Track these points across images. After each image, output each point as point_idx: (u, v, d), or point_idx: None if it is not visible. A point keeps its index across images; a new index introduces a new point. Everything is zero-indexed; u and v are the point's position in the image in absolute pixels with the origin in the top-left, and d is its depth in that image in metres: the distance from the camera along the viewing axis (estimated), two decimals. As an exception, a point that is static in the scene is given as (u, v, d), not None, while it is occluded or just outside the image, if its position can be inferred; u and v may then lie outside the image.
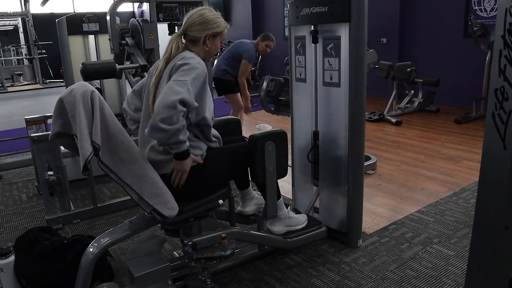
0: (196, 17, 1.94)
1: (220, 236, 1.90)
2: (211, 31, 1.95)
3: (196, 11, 1.97)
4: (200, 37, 1.94)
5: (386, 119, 5.94)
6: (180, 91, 1.69)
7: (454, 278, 2.23)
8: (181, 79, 1.74)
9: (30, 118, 3.56)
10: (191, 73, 1.78)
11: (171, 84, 1.73)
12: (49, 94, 10.43)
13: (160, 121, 1.64)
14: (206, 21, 1.93)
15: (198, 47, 1.96)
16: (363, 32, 2.31)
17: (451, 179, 3.64)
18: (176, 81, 1.74)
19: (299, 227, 2.37)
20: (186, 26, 1.95)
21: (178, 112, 1.66)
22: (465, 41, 6.51)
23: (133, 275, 1.86)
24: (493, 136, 1.13)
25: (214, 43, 1.99)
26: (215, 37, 1.98)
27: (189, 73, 1.77)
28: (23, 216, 3.26)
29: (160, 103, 1.67)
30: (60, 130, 1.80)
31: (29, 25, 12.49)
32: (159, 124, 1.64)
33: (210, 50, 1.99)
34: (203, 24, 1.93)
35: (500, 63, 1.10)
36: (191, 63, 1.81)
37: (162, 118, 1.64)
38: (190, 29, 1.94)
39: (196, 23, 1.93)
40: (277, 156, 2.08)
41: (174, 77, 1.77)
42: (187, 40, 1.97)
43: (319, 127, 2.61)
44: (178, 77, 1.76)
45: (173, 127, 1.66)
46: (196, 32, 1.93)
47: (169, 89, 1.71)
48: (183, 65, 1.80)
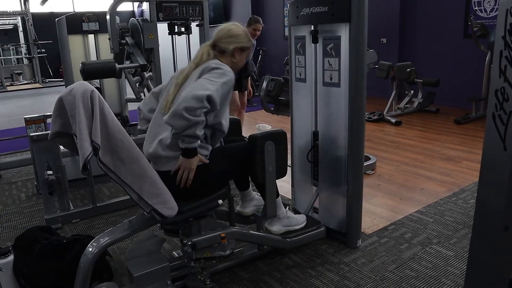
0: (227, 31, 2.09)
1: (220, 236, 1.90)
2: (239, 44, 2.08)
3: (227, 25, 2.12)
4: (229, 49, 2.06)
5: (385, 119, 5.94)
6: (210, 88, 1.78)
7: (453, 278, 2.23)
8: (212, 80, 1.84)
9: (29, 117, 3.56)
10: (223, 77, 1.88)
11: (202, 80, 1.84)
12: (49, 94, 10.43)
13: (184, 109, 1.70)
14: (236, 35, 2.08)
15: (227, 58, 2.07)
16: (363, 32, 2.31)
17: (451, 180, 3.64)
18: (207, 79, 1.84)
19: (297, 227, 2.37)
20: (217, 38, 2.08)
21: (203, 106, 1.74)
22: (465, 42, 6.51)
23: (132, 275, 1.86)
24: (493, 137, 1.13)
25: (241, 56, 2.12)
26: (243, 51, 2.11)
27: (221, 77, 1.87)
28: (22, 216, 3.25)
29: (188, 92, 1.75)
30: (59, 130, 1.80)
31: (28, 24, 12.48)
32: (182, 112, 1.70)
33: (237, 62, 2.11)
34: (233, 37, 2.07)
35: (500, 63, 1.09)
36: (224, 69, 1.92)
37: (187, 107, 1.71)
38: (220, 41, 2.07)
39: (226, 36, 2.07)
40: (276, 156, 2.08)
41: (206, 76, 1.87)
42: (216, 50, 2.08)
43: (318, 127, 2.61)
44: (209, 77, 1.86)
45: (195, 118, 1.72)
46: (225, 44, 2.06)
47: (199, 84, 1.82)
48: (216, 68, 1.91)
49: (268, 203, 2.18)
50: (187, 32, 3.67)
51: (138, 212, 2.46)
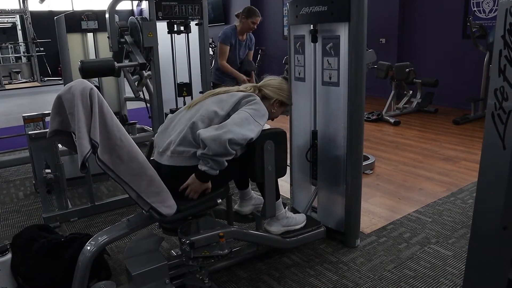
0: (278, 82, 2.23)
1: (218, 235, 1.89)
2: (282, 98, 2.21)
3: (279, 79, 2.27)
4: (272, 98, 2.18)
5: (384, 119, 5.95)
6: (254, 130, 1.91)
7: (451, 278, 2.23)
8: (257, 120, 1.95)
9: (28, 115, 3.55)
10: (263, 118, 2.01)
11: (250, 118, 1.93)
12: (47, 92, 10.40)
13: (229, 141, 1.80)
14: (283, 89, 2.22)
15: (265, 104, 2.13)
16: (362, 32, 2.31)
17: (449, 180, 3.64)
18: (253, 118, 1.93)
19: (297, 227, 2.37)
20: (265, 84, 2.22)
21: (243, 145, 1.89)
22: (464, 42, 6.52)
23: (130, 273, 1.86)
24: (492, 136, 1.13)
25: (279, 109, 2.24)
26: (281, 106, 2.24)
27: (262, 116, 1.99)
28: (20, 214, 3.25)
29: (235, 127, 1.84)
30: (58, 128, 1.79)
31: (27, 23, 12.46)
32: (226, 143, 1.79)
33: (273, 113, 2.22)
34: (279, 90, 2.20)
35: (500, 63, 1.09)
36: (264, 109, 2.04)
37: (233, 140, 1.82)
38: (267, 87, 2.19)
39: (274, 86, 2.20)
40: (276, 155, 2.08)
41: (253, 112, 1.96)
42: (260, 93, 2.18)
43: (318, 127, 2.61)
44: (255, 115, 1.95)
45: (232, 151, 1.84)
46: (270, 92, 2.18)
47: (247, 122, 1.91)
48: (258, 104, 2.01)
49: (267, 202, 2.18)
50: (187, 31, 3.67)
51: (136, 211, 2.46)
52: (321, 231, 2.44)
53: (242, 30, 4.08)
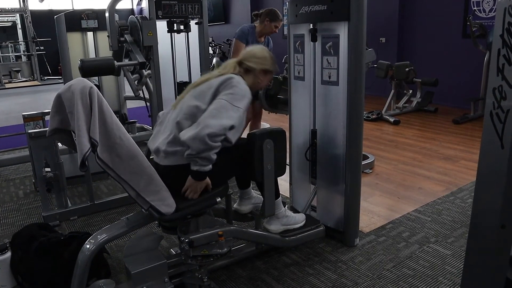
0: (257, 52, 2.18)
1: (217, 233, 1.90)
2: (265, 66, 2.16)
3: (258, 47, 2.24)
4: (255, 69, 2.13)
5: (384, 119, 5.95)
6: (234, 117, 1.84)
7: (450, 277, 2.23)
8: (235, 105, 1.88)
9: (27, 114, 3.56)
10: (243, 100, 1.93)
11: (226, 105, 1.86)
12: (47, 91, 10.40)
13: (207, 135, 1.75)
14: (264, 57, 2.17)
15: (250, 77, 2.13)
16: (362, 31, 2.31)
17: (449, 179, 3.65)
18: (230, 104, 1.87)
19: (296, 226, 2.37)
20: (245, 57, 2.16)
21: (225, 134, 1.82)
22: (464, 42, 6.52)
23: (130, 272, 1.86)
24: (490, 135, 1.13)
25: (264, 78, 2.19)
26: (266, 74, 2.19)
27: (241, 99, 1.92)
28: (20, 213, 3.25)
29: (211, 118, 1.79)
30: (58, 126, 1.80)
31: (27, 22, 12.44)
32: (205, 138, 1.75)
33: (260, 83, 2.19)
34: (261, 59, 2.15)
35: (498, 62, 1.10)
36: (243, 89, 1.97)
37: (211, 133, 1.76)
38: (249, 59, 2.14)
39: (255, 57, 2.15)
40: (275, 154, 2.08)
41: (229, 97, 1.89)
42: (242, 68, 2.14)
43: (317, 126, 2.61)
44: (232, 100, 1.89)
45: (215, 144, 1.79)
46: (252, 64, 2.13)
47: (224, 109, 1.84)
48: (235, 87, 1.94)
49: (267, 201, 2.18)
50: (186, 30, 3.67)
51: (136, 210, 2.46)
52: (320, 230, 2.45)
53: (262, 32, 3.96)
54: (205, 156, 1.79)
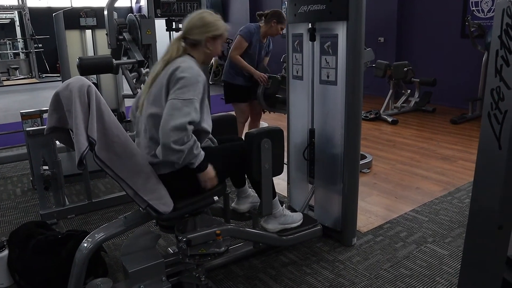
0: (196, 20, 1.95)
1: (215, 233, 1.90)
2: (211, 33, 1.94)
3: (196, 14, 1.98)
4: (201, 40, 1.94)
5: (382, 118, 5.95)
6: (188, 112, 1.71)
7: (447, 277, 2.24)
8: (186, 98, 1.74)
9: (25, 112, 3.55)
10: (195, 88, 1.78)
11: (177, 103, 1.73)
12: (45, 89, 10.38)
13: (173, 143, 1.67)
14: (206, 24, 1.94)
15: (199, 51, 1.97)
16: (360, 31, 2.31)
17: (446, 179, 3.65)
18: (181, 100, 1.73)
19: (293, 225, 2.37)
20: (187, 29, 1.95)
21: (189, 132, 1.71)
22: (462, 42, 6.52)
23: (127, 270, 1.86)
24: (488, 136, 1.14)
25: (215, 45, 1.99)
26: (216, 39, 1.98)
27: (192, 89, 1.77)
28: (17, 211, 3.24)
29: (168, 124, 1.69)
30: (56, 125, 1.79)
31: (25, 19, 12.40)
32: (172, 146, 1.68)
33: (211, 52, 2.00)
34: (203, 27, 1.93)
35: (496, 63, 1.10)
36: (191, 76, 1.79)
37: (174, 140, 1.67)
38: (191, 32, 1.94)
39: (196, 26, 1.93)
40: (273, 153, 2.08)
41: (178, 93, 1.75)
42: (188, 43, 1.96)
43: (315, 125, 2.61)
44: (182, 94, 1.75)
45: (186, 145, 1.71)
46: (196, 35, 1.94)
47: (176, 109, 1.71)
48: (183, 78, 1.78)
49: (264, 200, 2.19)
50: (185, 29, 3.66)
51: (133, 208, 2.46)
52: (318, 229, 2.45)
53: (267, 33, 3.87)
54: (190, 158, 1.76)
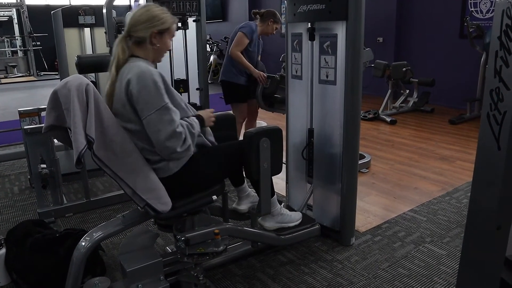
0: (140, 15, 1.82)
1: (213, 232, 1.89)
2: (156, 28, 1.82)
3: (139, 8, 1.85)
4: (146, 37, 1.82)
5: (381, 118, 5.96)
6: (169, 119, 1.71)
7: (445, 277, 2.24)
8: (158, 107, 1.70)
9: (23, 110, 3.54)
10: (157, 93, 1.71)
11: (155, 118, 1.70)
12: (43, 87, 10.35)
13: (175, 151, 1.73)
14: (150, 18, 1.81)
15: (146, 49, 1.85)
16: (360, 31, 2.31)
17: (445, 179, 3.66)
18: (156, 112, 1.69)
19: (291, 225, 2.37)
20: (130, 26, 1.83)
21: (182, 133, 1.73)
22: (461, 42, 6.53)
23: (125, 269, 1.86)
24: (487, 136, 1.14)
25: (162, 40, 1.86)
26: (162, 34, 1.85)
27: (155, 96, 1.71)
28: (15, 209, 3.24)
29: (160, 140, 1.72)
30: (54, 123, 1.78)
31: (24, 17, 12.37)
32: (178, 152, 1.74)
33: (159, 49, 1.88)
34: (147, 22, 1.80)
35: (496, 64, 1.10)
36: (146, 85, 1.71)
37: (174, 148, 1.73)
38: (134, 29, 1.82)
39: (140, 22, 1.81)
40: (271, 152, 2.08)
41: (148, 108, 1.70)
42: (133, 42, 1.85)
43: (314, 125, 2.61)
44: (152, 107, 1.70)
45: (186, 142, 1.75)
46: (141, 32, 1.81)
47: (158, 123, 1.70)
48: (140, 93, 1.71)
49: (263, 199, 2.19)
50: (184, 28, 3.65)
51: (131, 207, 2.45)
52: (316, 228, 2.45)
53: (263, 32, 3.88)
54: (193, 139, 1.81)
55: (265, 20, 3.84)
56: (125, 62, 1.84)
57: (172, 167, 1.85)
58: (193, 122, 1.84)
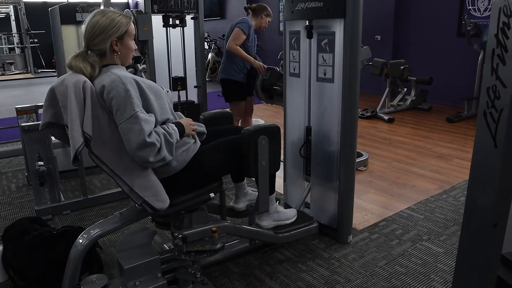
0: (92, 28, 1.73)
1: (211, 229, 1.89)
2: (114, 36, 1.74)
3: (90, 19, 1.75)
4: (106, 48, 1.75)
5: (378, 116, 5.97)
6: (139, 128, 1.63)
7: (442, 275, 2.25)
8: (129, 116, 1.63)
9: (21, 107, 3.53)
10: (128, 100, 1.64)
11: (126, 126, 1.64)
12: (41, 84, 10.33)
13: (147, 160, 1.66)
14: (103, 28, 1.72)
15: (111, 57, 1.79)
16: (357, 29, 2.31)
17: (442, 177, 3.67)
18: (126, 121, 1.64)
19: (288, 222, 2.37)
20: (87, 41, 1.76)
21: (150, 143, 1.64)
22: (459, 41, 6.54)
23: (122, 267, 1.85)
24: (484, 134, 1.14)
25: (124, 45, 1.80)
26: (122, 39, 1.78)
27: (126, 103, 1.64)
28: (12, 207, 3.23)
29: (131, 149, 1.64)
30: (51, 120, 1.78)
31: (21, 13, 12.33)
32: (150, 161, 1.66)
33: (125, 53, 1.82)
34: (103, 33, 1.73)
35: (492, 61, 1.10)
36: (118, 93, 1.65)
37: (145, 158, 1.65)
38: (92, 43, 1.75)
39: (95, 35, 1.73)
40: (270, 150, 2.08)
41: (119, 117, 1.65)
42: (96, 55, 1.78)
43: (312, 123, 2.61)
44: (122, 115, 1.64)
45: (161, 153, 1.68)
46: (99, 45, 1.74)
47: (128, 132, 1.64)
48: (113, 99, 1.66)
49: (261, 197, 2.19)
50: (182, 25, 3.65)
51: (129, 204, 2.46)
52: (314, 226, 2.45)
53: (257, 26, 3.90)
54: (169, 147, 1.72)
55: (258, 14, 3.87)
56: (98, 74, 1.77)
57: (175, 166, 1.83)
58: (171, 130, 1.76)
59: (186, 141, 1.88)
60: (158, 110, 1.78)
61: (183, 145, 1.86)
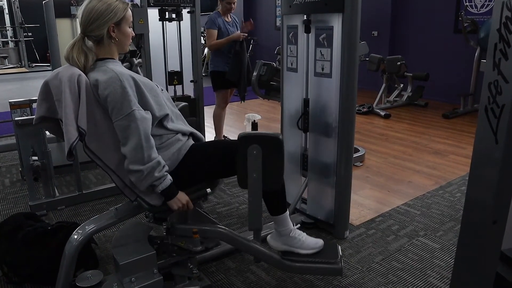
0: (88, 13, 1.68)
1: (192, 230, 1.86)
2: (111, 22, 1.69)
3: (86, 5, 1.69)
4: (103, 34, 1.69)
5: (375, 112, 5.97)
6: (135, 127, 1.60)
7: (438, 270, 2.25)
8: (124, 114, 1.60)
9: (14, 101, 3.49)
10: (124, 98, 1.61)
11: (122, 124, 1.61)
12: (35, 78, 10.23)
13: (130, 163, 1.62)
14: (100, 14, 1.67)
15: (109, 46, 1.74)
16: (356, 23, 2.29)
17: (438, 173, 3.67)
18: (122, 119, 1.61)
19: (302, 252, 1.99)
20: (83, 27, 1.70)
21: (146, 147, 1.61)
22: (455, 37, 6.54)
23: (118, 263, 1.83)
24: (485, 130, 1.13)
25: (121, 32, 1.74)
26: (119, 24, 1.72)
27: (123, 101, 1.61)
28: (6, 202, 3.20)
29: (124, 147, 1.63)
30: (45, 114, 1.75)
31: (15, 7, 12.20)
32: (129, 167, 1.62)
33: (122, 40, 1.76)
34: (100, 19, 1.67)
35: (495, 56, 1.08)
36: (114, 91, 1.61)
37: (132, 160, 1.62)
38: (89, 29, 1.69)
39: (92, 20, 1.68)
40: (266, 163, 1.77)
41: (116, 114, 1.62)
42: (92, 42, 1.73)
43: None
44: (119, 113, 1.61)
45: (146, 166, 1.62)
46: (96, 31, 1.69)
47: (125, 129, 1.61)
48: (108, 96, 1.62)
49: (251, 214, 1.89)
50: (178, 19, 3.62)
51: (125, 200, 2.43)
52: (335, 268, 1.97)
53: (224, 12, 4.02)
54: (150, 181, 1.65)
55: (220, 2, 4.01)
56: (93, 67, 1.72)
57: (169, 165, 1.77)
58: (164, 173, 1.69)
59: (179, 138, 1.84)
60: (155, 106, 1.75)
61: (174, 146, 1.81)
